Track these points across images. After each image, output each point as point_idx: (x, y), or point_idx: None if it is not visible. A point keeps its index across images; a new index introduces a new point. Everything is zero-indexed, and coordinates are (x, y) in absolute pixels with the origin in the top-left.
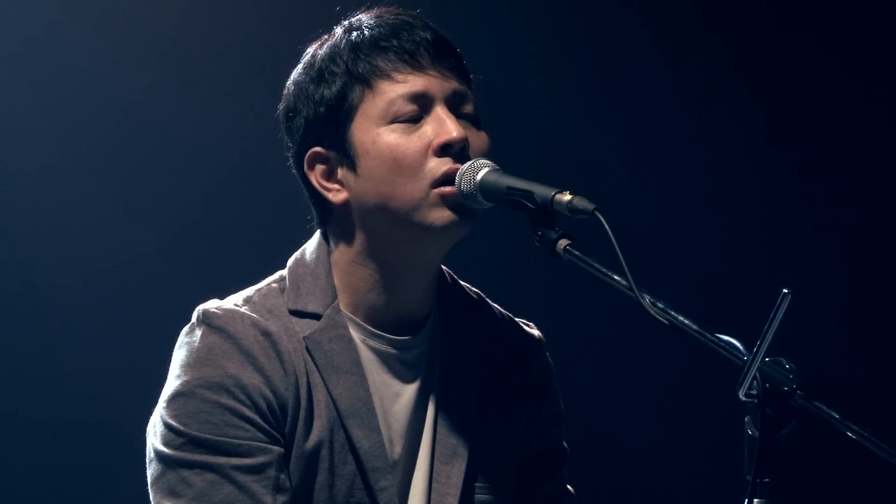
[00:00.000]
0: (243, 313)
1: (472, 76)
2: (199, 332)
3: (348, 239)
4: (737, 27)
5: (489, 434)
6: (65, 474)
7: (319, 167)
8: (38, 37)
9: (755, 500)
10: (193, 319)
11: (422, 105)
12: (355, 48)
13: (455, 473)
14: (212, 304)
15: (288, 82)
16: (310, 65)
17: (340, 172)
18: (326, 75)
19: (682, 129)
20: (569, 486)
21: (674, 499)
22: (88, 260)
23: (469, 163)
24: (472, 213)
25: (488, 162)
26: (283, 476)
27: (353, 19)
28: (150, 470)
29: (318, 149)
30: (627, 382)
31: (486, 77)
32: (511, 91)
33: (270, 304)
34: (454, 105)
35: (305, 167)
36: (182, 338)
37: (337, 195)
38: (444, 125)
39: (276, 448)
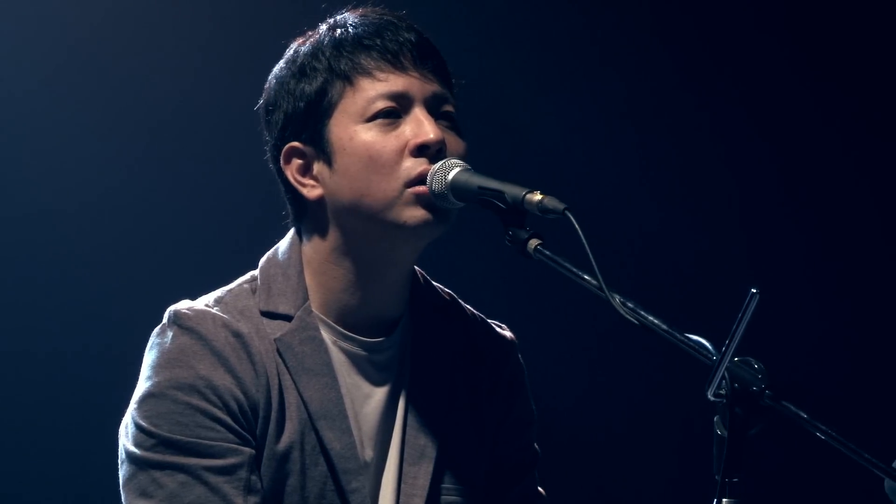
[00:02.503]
0: (214, 314)
1: (453, 80)
2: (170, 333)
3: (322, 236)
4: (719, 24)
5: (459, 435)
6: (37, 476)
7: (296, 162)
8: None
9: (724, 500)
10: (164, 320)
11: (401, 105)
12: (338, 45)
13: (422, 474)
14: (183, 305)
15: (269, 77)
16: (292, 60)
17: (316, 168)
18: (308, 70)
19: (651, 128)
20: (539, 488)
21: (644, 499)
22: (59, 260)
23: (440, 162)
24: (446, 214)
25: (460, 162)
26: (254, 477)
27: (338, 17)
28: (122, 471)
29: (295, 143)
30: (598, 383)
31: (465, 78)
32: (483, 91)
33: (242, 304)
34: (433, 107)
35: (282, 161)
36: (153, 339)
37: (312, 191)
38: (421, 126)
39: (247, 449)
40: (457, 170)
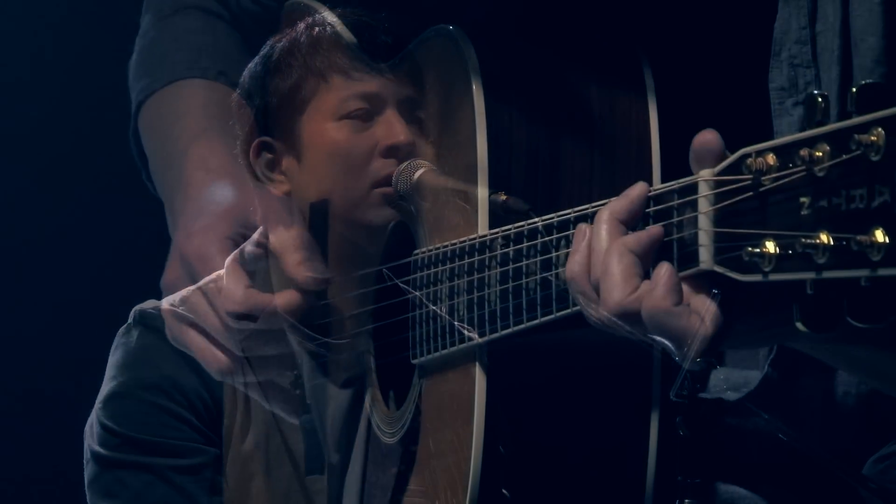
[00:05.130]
0: (181, 314)
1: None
2: (135, 333)
3: None
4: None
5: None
6: (1, 478)
7: (265, 156)
8: None
9: (686, 501)
10: (130, 320)
11: (374, 106)
12: (315, 43)
13: (386, 476)
14: (148, 305)
15: (244, 71)
16: (268, 56)
17: (285, 163)
18: (283, 67)
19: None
20: (504, 490)
21: (612, 499)
22: (26, 258)
23: (406, 163)
24: (410, 214)
25: (425, 162)
26: (219, 477)
27: (316, 16)
28: (87, 471)
29: (265, 138)
30: (566, 384)
31: None
32: None
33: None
34: (406, 110)
35: (251, 156)
36: (118, 338)
37: (279, 187)
38: (392, 128)
39: (212, 449)
40: (422, 170)
